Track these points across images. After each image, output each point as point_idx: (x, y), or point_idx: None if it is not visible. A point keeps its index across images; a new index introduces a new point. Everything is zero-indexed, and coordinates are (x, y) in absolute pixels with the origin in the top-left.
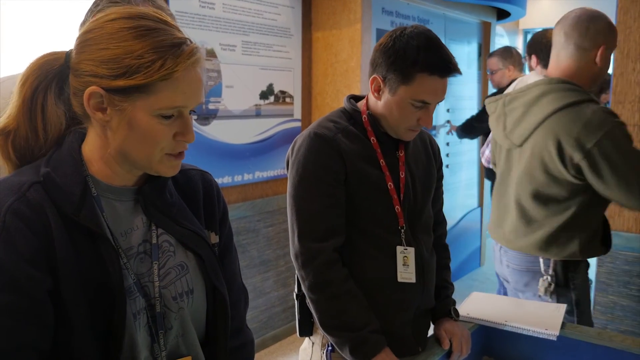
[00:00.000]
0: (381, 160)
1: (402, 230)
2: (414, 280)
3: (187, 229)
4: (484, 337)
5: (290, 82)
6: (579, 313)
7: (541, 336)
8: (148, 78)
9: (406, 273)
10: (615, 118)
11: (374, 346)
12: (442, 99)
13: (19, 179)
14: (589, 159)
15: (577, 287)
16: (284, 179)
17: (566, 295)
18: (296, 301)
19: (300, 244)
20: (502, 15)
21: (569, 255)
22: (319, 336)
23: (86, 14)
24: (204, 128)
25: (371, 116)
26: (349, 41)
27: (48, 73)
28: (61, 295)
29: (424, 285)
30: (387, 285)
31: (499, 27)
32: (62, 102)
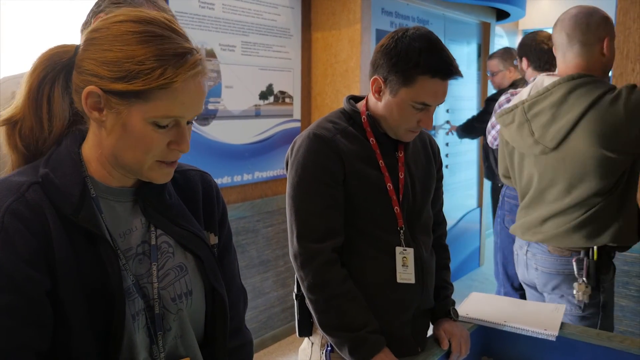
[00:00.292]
0: (380, 161)
1: (401, 231)
2: (413, 281)
3: (186, 230)
4: (483, 338)
5: (290, 82)
6: (604, 316)
7: (540, 336)
8: (146, 85)
9: (405, 274)
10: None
11: (373, 346)
12: (442, 101)
13: (18, 179)
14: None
15: (606, 290)
16: (284, 179)
17: (595, 298)
18: (295, 301)
19: (299, 244)
20: (502, 15)
21: (610, 239)
22: (318, 336)
23: (88, 15)
24: (203, 128)
25: (370, 117)
26: (348, 41)
27: (56, 64)
28: (60, 296)
29: (423, 285)
30: (386, 285)
31: (498, 28)
32: (68, 96)
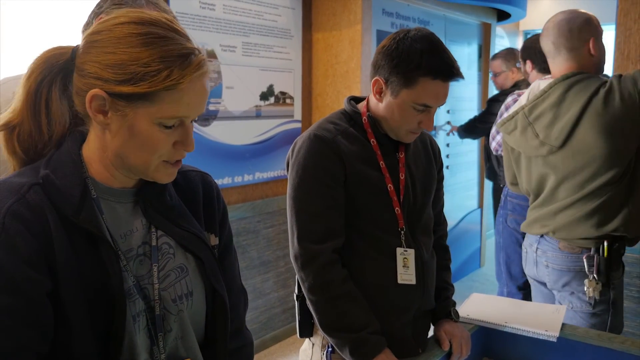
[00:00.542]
0: (381, 161)
1: (402, 232)
2: (414, 282)
3: (186, 231)
4: (484, 338)
5: (291, 83)
6: (614, 312)
7: (541, 337)
8: (153, 87)
9: (406, 275)
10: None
11: (373, 347)
12: (443, 103)
13: (19, 180)
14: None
15: (616, 287)
16: (284, 180)
17: (605, 295)
18: (296, 302)
19: (300, 245)
20: (502, 16)
21: (619, 226)
22: (319, 337)
23: (89, 16)
24: (204, 129)
25: (371, 118)
26: (349, 42)
27: (53, 67)
28: (61, 297)
29: (424, 286)
30: (387, 286)
31: (499, 29)
32: (66, 98)
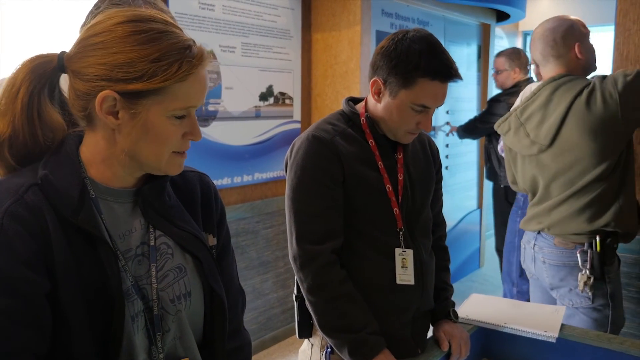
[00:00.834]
0: (379, 162)
1: (401, 233)
2: (412, 283)
3: (185, 231)
4: (483, 339)
5: (290, 83)
6: (614, 306)
7: (540, 338)
8: (165, 81)
9: (405, 275)
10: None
11: (372, 348)
12: (442, 104)
13: (17, 180)
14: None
15: (612, 280)
16: (284, 180)
17: (602, 289)
18: (295, 303)
19: (299, 246)
20: (502, 17)
21: (610, 220)
22: (318, 338)
23: (87, 16)
24: (203, 129)
25: (369, 118)
26: (348, 43)
27: (41, 77)
28: (59, 298)
29: (423, 287)
30: (385, 287)
31: (498, 29)
32: (57, 103)
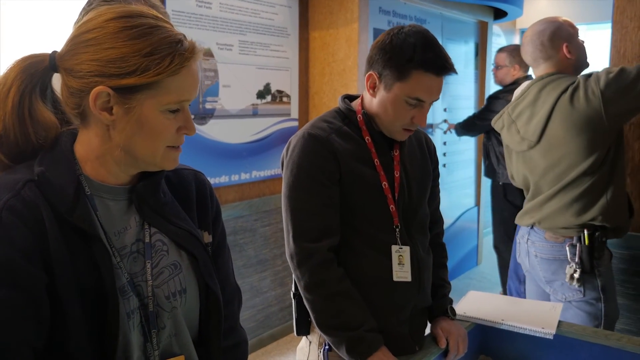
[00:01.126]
0: (376, 159)
1: (397, 230)
2: (409, 279)
3: (180, 228)
4: (481, 336)
5: (288, 81)
6: (606, 299)
7: (538, 335)
8: (158, 75)
9: (402, 272)
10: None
11: (370, 345)
12: (436, 98)
13: (13, 177)
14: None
15: (602, 274)
16: (281, 178)
17: (592, 282)
18: (293, 300)
19: (295, 244)
20: (499, 14)
21: (598, 214)
22: (316, 335)
23: (80, 14)
24: (201, 127)
25: (366, 115)
26: (346, 41)
27: (33, 76)
28: (57, 292)
29: (420, 284)
30: (383, 284)
31: (496, 27)
32: (49, 102)
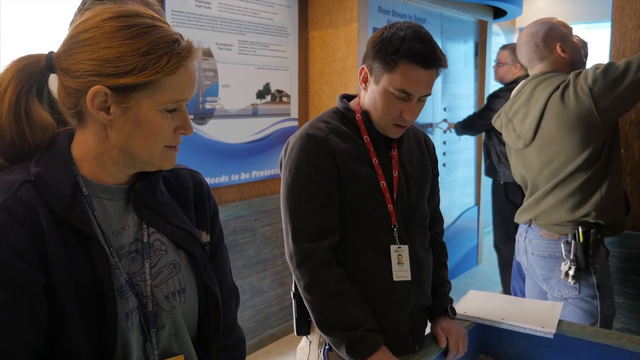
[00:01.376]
0: (374, 159)
1: (395, 229)
2: (409, 278)
3: (178, 227)
4: (481, 335)
5: (287, 81)
6: (601, 296)
7: (538, 334)
8: (156, 74)
9: (401, 272)
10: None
11: (370, 345)
12: (425, 92)
13: (9, 177)
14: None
15: (598, 271)
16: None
17: (587, 280)
18: (293, 300)
19: (295, 244)
20: (499, 14)
21: (592, 210)
22: (316, 335)
23: (75, 14)
24: (200, 127)
25: (365, 114)
26: (345, 40)
27: (30, 77)
28: (55, 293)
29: (419, 283)
30: (382, 284)
31: (495, 26)
32: (46, 103)
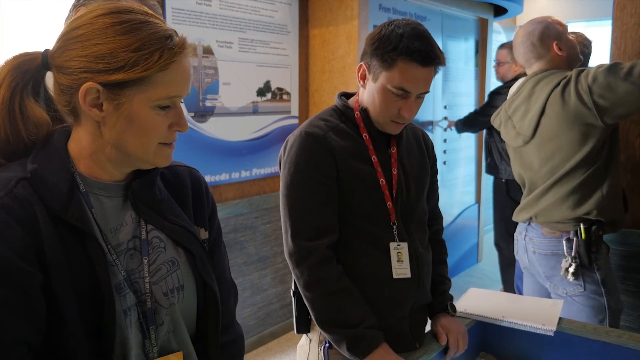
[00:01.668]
0: (373, 156)
1: (394, 226)
2: (409, 275)
3: (177, 225)
4: (482, 333)
5: (288, 79)
6: (607, 292)
7: (538, 332)
8: (147, 70)
9: (401, 269)
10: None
11: (370, 342)
12: (423, 90)
13: (6, 175)
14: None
15: (601, 267)
16: None
17: (592, 276)
18: (293, 298)
19: (294, 242)
20: (499, 11)
21: (593, 208)
22: (316, 333)
23: (70, 10)
24: (201, 125)
25: (364, 111)
26: (345, 38)
27: (25, 74)
28: (53, 290)
29: (419, 280)
30: (382, 281)
31: (496, 24)
32: (42, 100)
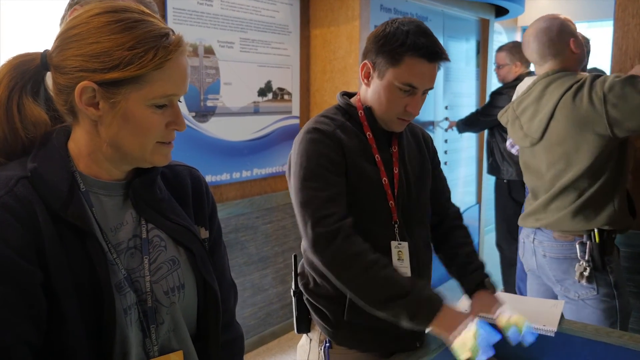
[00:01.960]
0: (377, 155)
1: (396, 225)
2: (409, 274)
3: (177, 224)
4: None
5: (289, 79)
6: (619, 295)
7: (539, 332)
8: (142, 68)
9: (402, 268)
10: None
11: (431, 306)
12: (429, 86)
13: (6, 173)
14: (607, 94)
15: (614, 270)
16: (283, 176)
17: (605, 279)
18: (293, 298)
19: (314, 231)
20: (501, 12)
21: (606, 221)
22: (317, 333)
23: (65, 9)
24: (202, 125)
25: (368, 110)
26: (347, 38)
27: (24, 74)
28: (53, 289)
29: (419, 279)
30: None
31: (497, 25)
32: (41, 100)
